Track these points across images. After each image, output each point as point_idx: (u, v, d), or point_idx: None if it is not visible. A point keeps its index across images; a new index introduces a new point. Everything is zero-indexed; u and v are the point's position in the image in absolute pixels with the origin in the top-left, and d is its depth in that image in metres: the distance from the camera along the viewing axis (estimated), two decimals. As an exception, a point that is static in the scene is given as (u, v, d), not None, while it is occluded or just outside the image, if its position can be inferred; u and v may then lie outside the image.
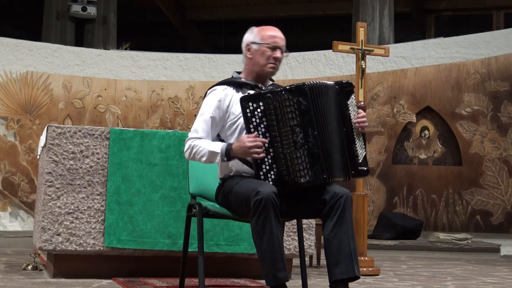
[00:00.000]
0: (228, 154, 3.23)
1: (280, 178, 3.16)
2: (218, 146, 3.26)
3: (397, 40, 10.60)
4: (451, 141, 9.27)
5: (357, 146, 3.27)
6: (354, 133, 3.28)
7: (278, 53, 3.41)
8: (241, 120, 3.28)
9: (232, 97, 3.38)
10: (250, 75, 3.46)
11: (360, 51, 5.72)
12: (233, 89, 3.42)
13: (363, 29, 5.78)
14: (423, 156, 9.32)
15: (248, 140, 3.15)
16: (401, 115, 9.31)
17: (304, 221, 4.67)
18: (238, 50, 3.57)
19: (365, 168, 3.28)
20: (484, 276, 5.50)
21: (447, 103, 9.24)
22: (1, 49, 9.23)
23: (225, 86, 3.44)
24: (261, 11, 14.14)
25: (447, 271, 5.81)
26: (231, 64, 9.56)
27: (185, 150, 3.38)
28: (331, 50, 5.84)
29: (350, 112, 3.28)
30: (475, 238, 8.34)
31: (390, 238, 8.01)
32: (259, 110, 3.18)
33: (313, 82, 3.23)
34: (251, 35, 3.46)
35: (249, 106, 3.19)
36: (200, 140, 3.32)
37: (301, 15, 14.17)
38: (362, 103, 5.61)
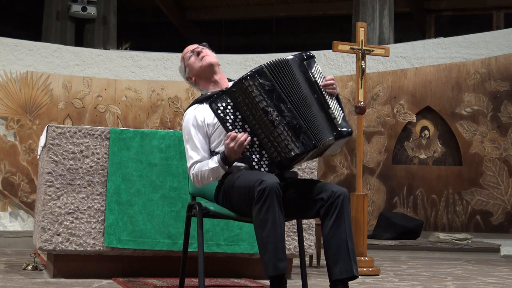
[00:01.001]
0: (226, 161, 3.24)
1: (272, 161, 3.18)
2: (214, 161, 3.29)
3: (397, 40, 10.59)
4: (451, 141, 9.27)
5: (332, 109, 3.28)
6: (327, 98, 3.30)
7: (197, 49, 3.57)
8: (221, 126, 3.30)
9: (204, 111, 3.41)
10: (208, 86, 3.54)
11: (360, 51, 5.72)
12: (202, 104, 3.46)
13: (363, 29, 5.78)
14: (423, 156, 9.32)
15: (228, 141, 3.18)
16: (401, 115, 9.31)
17: (304, 221, 4.67)
18: (238, 50, 3.60)
19: (347, 129, 3.28)
20: (484, 276, 5.50)
21: (447, 103, 9.24)
22: (1, 49, 9.23)
23: (195, 106, 3.48)
24: (261, 11, 14.14)
25: (447, 271, 5.81)
26: (231, 64, 9.55)
27: (192, 181, 3.40)
28: (331, 50, 5.84)
29: (316, 79, 3.32)
30: (475, 238, 8.33)
31: (390, 238, 8.00)
32: (229, 106, 3.22)
33: (270, 61, 3.26)
34: (181, 73, 3.65)
35: (219, 106, 3.22)
36: (198, 164, 3.35)
37: (301, 15, 14.16)
38: (362, 103, 5.65)
